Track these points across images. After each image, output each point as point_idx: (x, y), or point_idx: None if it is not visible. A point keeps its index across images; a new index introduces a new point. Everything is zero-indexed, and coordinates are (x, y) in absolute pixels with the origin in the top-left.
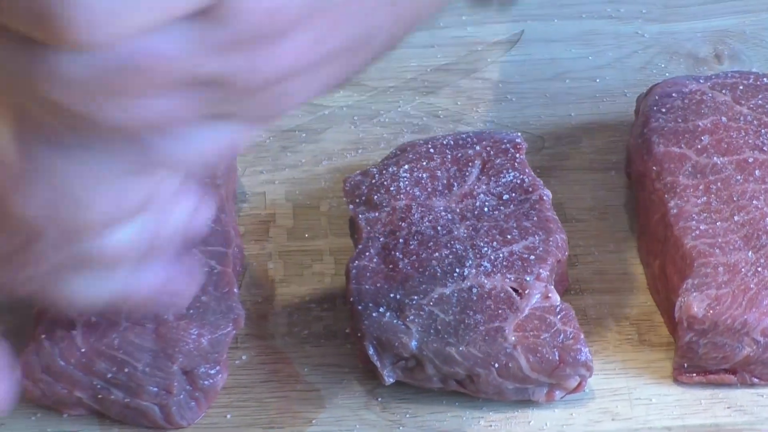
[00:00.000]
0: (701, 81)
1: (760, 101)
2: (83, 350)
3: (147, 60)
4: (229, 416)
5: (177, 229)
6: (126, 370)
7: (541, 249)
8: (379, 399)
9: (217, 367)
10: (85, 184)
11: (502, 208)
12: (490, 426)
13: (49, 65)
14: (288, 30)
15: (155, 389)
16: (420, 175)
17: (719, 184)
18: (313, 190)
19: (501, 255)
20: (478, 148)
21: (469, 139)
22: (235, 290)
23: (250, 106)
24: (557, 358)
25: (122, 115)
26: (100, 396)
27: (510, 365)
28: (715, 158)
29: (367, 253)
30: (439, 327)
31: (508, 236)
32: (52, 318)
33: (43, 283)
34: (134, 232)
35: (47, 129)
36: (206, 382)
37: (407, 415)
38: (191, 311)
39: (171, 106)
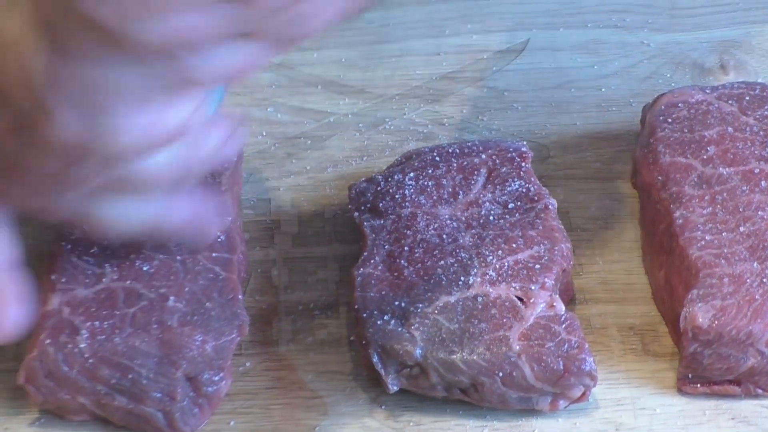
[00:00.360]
0: (707, 91)
1: (766, 112)
2: (87, 356)
3: None
4: (232, 423)
5: (209, 158)
6: (130, 376)
7: (546, 258)
8: (383, 407)
9: (221, 374)
10: (120, 104)
11: (507, 216)
12: None
13: None
14: None
15: (159, 395)
16: (425, 183)
17: (725, 194)
18: (318, 197)
19: (506, 264)
20: (483, 156)
21: (474, 148)
22: (240, 297)
23: (273, 25)
24: (562, 367)
25: (153, 31)
26: (103, 402)
27: (514, 374)
28: (721, 169)
29: (372, 261)
30: (444, 335)
31: (513, 245)
32: (55, 323)
33: (81, 206)
34: (169, 157)
35: (82, 47)
36: (210, 389)
37: (411, 423)
38: (195, 317)
39: (199, 22)
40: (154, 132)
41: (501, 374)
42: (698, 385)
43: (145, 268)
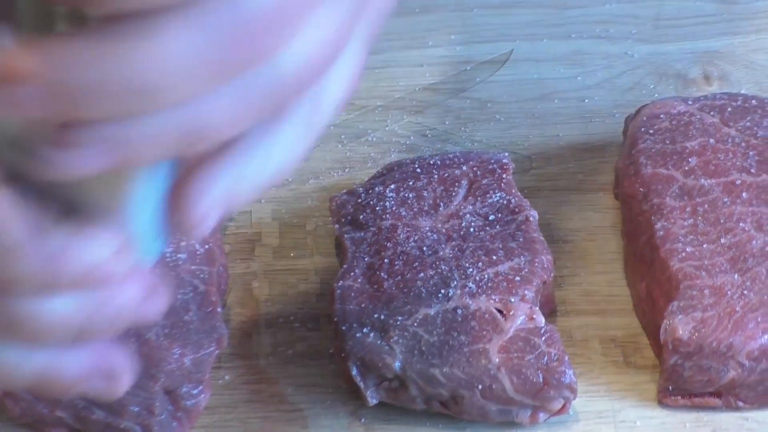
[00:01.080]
0: (689, 102)
1: (748, 123)
2: None
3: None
4: None
5: (121, 314)
6: None
7: (526, 270)
8: (363, 420)
9: (200, 387)
10: (13, 228)
11: (488, 228)
12: None
13: None
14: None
15: (137, 409)
16: (406, 194)
17: (706, 206)
18: (300, 209)
19: (486, 276)
20: (465, 168)
21: (456, 159)
22: (219, 309)
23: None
24: (541, 379)
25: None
26: (81, 415)
27: (494, 387)
28: (702, 180)
29: (352, 273)
30: (423, 348)
31: (494, 257)
32: None
33: None
34: (71, 305)
35: None
36: (188, 402)
37: None
38: (174, 331)
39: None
40: (56, 268)
41: (480, 387)
42: (679, 398)
43: None
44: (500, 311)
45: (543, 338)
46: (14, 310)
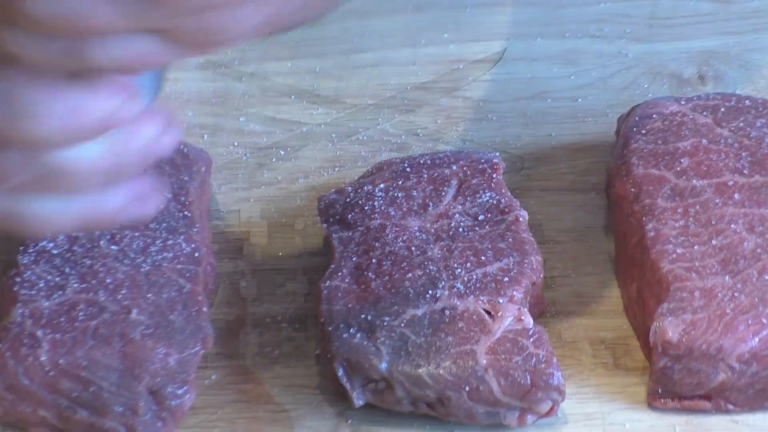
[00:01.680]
0: (682, 102)
1: (741, 124)
2: (48, 369)
3: None
4: None
5: (141, 152)
6: (91, 389)
7: (515, 271)
8: (350, 421)
9: (185, 387)
10: (33, 87)
11: (477, 228)
12: None
13: None
14: None
15: (121, 409)
16: (395, 194)
17: (698, 207)
18: (289, 209)
19: (474, 276)
20: (455, 167)
21: (446, 159)
22: (205, 309)
23: (185, 27)
24: (529, 381)
25: (45, 7)
26: (65, 415)
27: (481, 388)
28: (694, 181)
29: (340, 273)
30: (410, 349)
31: (483, 257)
32: (16, 335)
33: (7, 205)
34: (97, 151)
35: None
36: (173, 402)
37: None
38: (159, 330)
39: (103, 10)
40: (76, 120)
41: (467, 388)
42: (669, 400)
43: (108, 280)
44: (488, 312)
45: (531, 339)
46: (47, 164)
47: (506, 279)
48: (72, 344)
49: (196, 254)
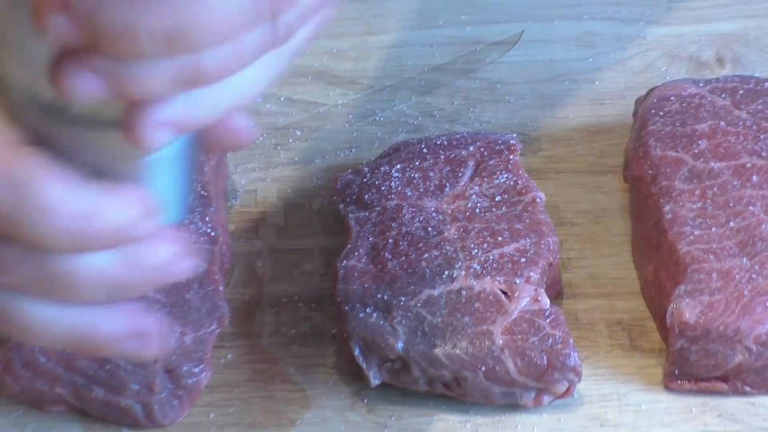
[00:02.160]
0: (701, 85)
1: (760, 106)
2: None
3: None
4: (212, 415)
5: (153, 272)
6: (107, 367)
7: (532, 252)
8: (366, 401)
9: (201, 366)
10: (43, 185)
11: (494, 209)
12: (477, 430)
13: None
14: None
15: (137, 387)
16: (412, 175)
17: (715, 189)
18: (305, 189)
19: (491, 257)
20: (471, 148)
21: (463, 140)
22: (221, 288)
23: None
24: (545, 362)
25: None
26: (81, 393)
27: (497, 368)
28: (712, 163)
29: (356, 253)
30: (427, 329)
31: (499, 238)
32: None
33: (8, 305)
34: (105, 261)
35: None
36: (189, 381)
37: (393, 418)
38: (175, 309)
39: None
40: (86, 225)
41: (484, 369)
42: (685, 382)
43: None
44: (505, 293)
45: (547, 320)
46: (50, 267)
47: (523, 260)
48: None
49: (213, 234)
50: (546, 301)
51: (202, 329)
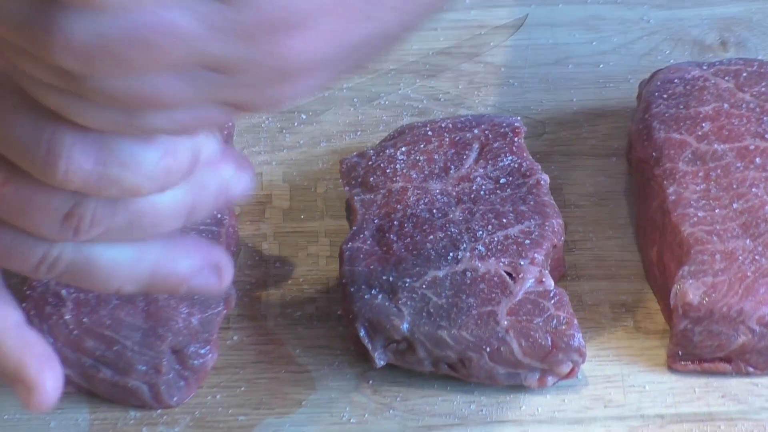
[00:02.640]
0: (704, 67)
1: (763, 88)
2: (72, 328)
3: (159, 33)
4: (218, 396)
5: (217, 194)
6: (115, 348)
7: (536, 233)
8: (371, 382)
9: (208, 347)
10: (123, 140)
11: (498, 191)
12: (482, 411)
13: (56, 21)
14: (305, 23)
15: (144, 368)
16: (417, 157)
17: (719, 171)
18: (311, 172)
19: (496, 239)
20: (476, 131)
21: (467, 123)
22: None
23: (255, 95)
24: (550, 343)
25: (121, 88)
26: (88, 374)
27: (502, 349)
28: (715, 145)
29: (362, 235)
30: (432, 310)
31: (504, 220)
32: (40, 294)
33: (77, 256)
34: (177, 194)
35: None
36: (196, 362)
37: (398, 399)
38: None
39: (173, 87)
40: (170, 164)
41: (488, 349)
42: (689, 363)
43: None
44: (509, 274)
45: (552, 301)
46: (136, 210)
47: (527, 241)
48: (96, 304)
49: (219, 216)
50: (550, 283)
51: (209, 310)
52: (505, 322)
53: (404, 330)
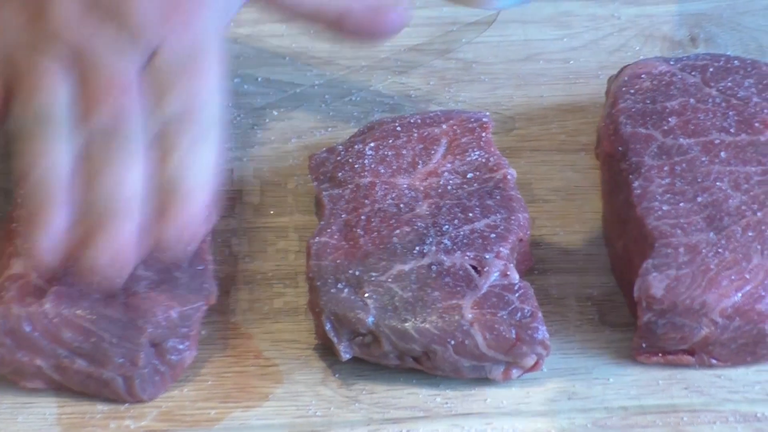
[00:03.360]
0: (672, 63)
1: (729, 83)
2: (51, 317)
3: None
4: (185, 390)
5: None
6: (93, 339)
7: (502, 227)
8: (337, 375)
9: (187, 343)
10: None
11: (465, 186)
12: (447, 403)
13: None
14: None
15: (121, 360)
16: (385, 153)
17: (684, 165)
18: (281, 168)
19: (462, 233)
20: (444, 126)
21: (436, 118)
22: (210, 267)
23: None
24: (514, 336)
25: None
26: (63, 365)
27: (466, 342)
28: (681, 139)
29: (329, 230)
30: (397, 303)
31: (470, 214)
32: (23, 284)
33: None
34: None
35: None
36: (174, 357)
37: (364, 392)
38: (163, 285)
39: None
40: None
41: (453, 342)
42: (653, 355)
43: None
44: (475, 268)
45: (516, 294)
46: None
47: (493, 235)
48: (78, 297)
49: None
50: (515, 276)
51: (189, 304)
52: (470, 315)
53: (370, 323)
